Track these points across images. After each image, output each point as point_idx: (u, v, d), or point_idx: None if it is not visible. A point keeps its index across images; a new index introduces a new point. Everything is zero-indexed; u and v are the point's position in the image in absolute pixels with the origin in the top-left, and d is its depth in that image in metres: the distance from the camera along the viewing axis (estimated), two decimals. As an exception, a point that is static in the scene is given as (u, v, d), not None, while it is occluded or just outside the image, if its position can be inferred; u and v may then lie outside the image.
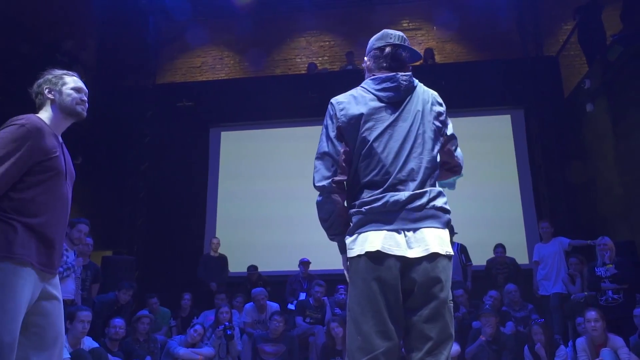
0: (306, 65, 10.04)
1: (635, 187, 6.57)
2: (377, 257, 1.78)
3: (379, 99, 1.95)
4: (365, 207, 1.84)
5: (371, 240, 1.80)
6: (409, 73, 2.03)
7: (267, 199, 8.55)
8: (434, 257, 1.79)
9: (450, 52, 10.10)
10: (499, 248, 6.68)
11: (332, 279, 6.69)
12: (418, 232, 1.81)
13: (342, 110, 1.94)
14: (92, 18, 10.10)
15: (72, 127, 2.32)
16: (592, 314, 4.63)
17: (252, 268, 7.31)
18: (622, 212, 6.90)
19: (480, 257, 6.94)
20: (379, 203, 1.82)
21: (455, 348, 5.15)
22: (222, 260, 7.46)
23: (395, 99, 1.96)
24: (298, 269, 7.08)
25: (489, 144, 8.28)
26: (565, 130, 8.21)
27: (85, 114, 2.22)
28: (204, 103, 9.21)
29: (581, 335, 4.92)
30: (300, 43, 10.55)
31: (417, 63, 2.27)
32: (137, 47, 9.66)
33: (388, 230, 1.80)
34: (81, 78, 2.33)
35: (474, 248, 7.00)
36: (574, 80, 8.60)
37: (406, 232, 1.81)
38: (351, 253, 1.85)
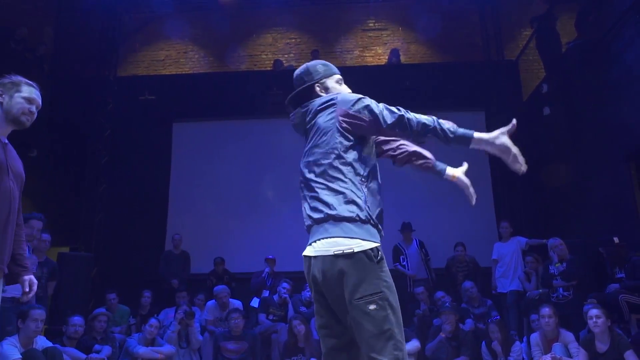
0: (272, 62, 9.98)
1: (587, 189, 6.85)
2: None
3: None
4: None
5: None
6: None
7: (231, 196, 8.46)
8: None
9: (415, 53, 10.24)
10: (459, 247, 6.83)
11: (298, 277, 6.70)
12: None
13: None
14: (49, 4, 9.74)
15: (27, 118, 2.27)
16: (546, 310, 4.81)
17: (219, 260, 7.23)
18: (576, 213, 7.18)
19: (443, 255, 7.10)
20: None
21: (415, 344, 5.25)
22: (184, 257, 7.35)
23: None
24: (262, 270, 7.01)
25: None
26: (524, 133, 8.42)
27: (28, 124, 2.27)
28: (167, 97, 9.01)
29: (535, 331, 5.11)
30: (267, 39, 10.49)
31: (382, 63, 2.32)
32: (98, 38, 9.38)
33: None
34: (41, 80, 2.39)
35: (435, 247, 7.18)
36: (532, 84, 8.87)
37: None
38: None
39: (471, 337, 5.33)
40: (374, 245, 1.84)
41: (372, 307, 1.76)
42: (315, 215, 1.91)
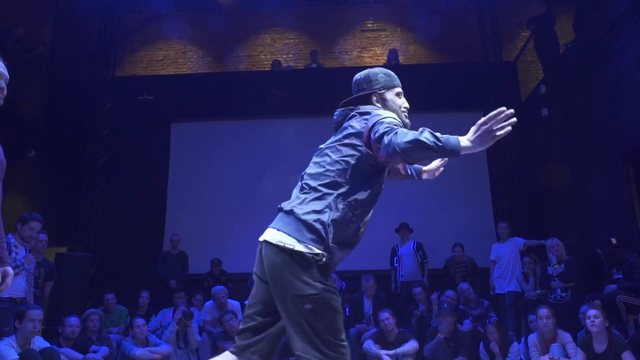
0: (270, 62, 9.98)
1: (585, 190, 6.87)
2: None
3: None
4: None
5: None
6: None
7: (229, 197, 8.46)
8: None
9: (413, 53, 10.25)
10: (457, 247, 6.83)
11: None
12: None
13: None
14: (47, 4, 9.72)
15: (25, 118, 2.21)
16: (543, 311, 4.81)
17: (216, 261, 7.22)
18: (574, 214, 7.19)
19: (441, 256, 7.10)
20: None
21: (414, 345, 5.25)
22: (182, 257, 7.34)
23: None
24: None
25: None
26: (522, 134, 8.46)
27: (1, 102, 1.98)
28: (166, 97, 9.01)
29: (533, 332, 5.11)
30: (265, 40, 10.49)
31: (381, 64, 2.29)
32: (96, 37, 9.36)
33: None
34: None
35: (433, 247, 7.19)
36: (530, 85, 8.88)
37: None
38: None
39: (469, 338, 5.33)
40: (315, 250, 1.83)
41: (307, 307, 1.81)
42: (286, 207, 1.96)
